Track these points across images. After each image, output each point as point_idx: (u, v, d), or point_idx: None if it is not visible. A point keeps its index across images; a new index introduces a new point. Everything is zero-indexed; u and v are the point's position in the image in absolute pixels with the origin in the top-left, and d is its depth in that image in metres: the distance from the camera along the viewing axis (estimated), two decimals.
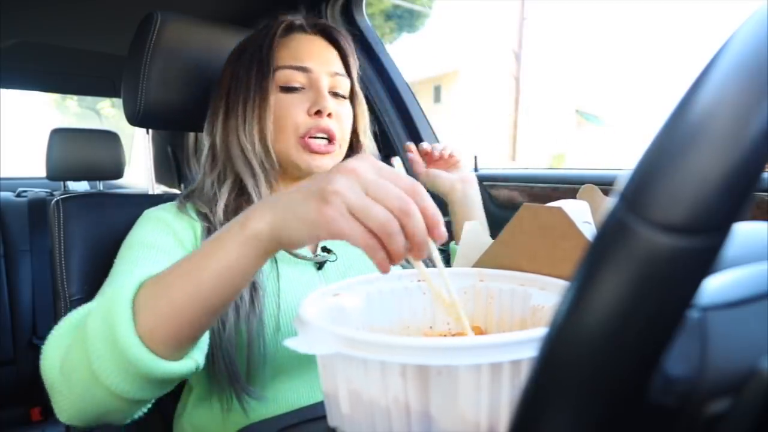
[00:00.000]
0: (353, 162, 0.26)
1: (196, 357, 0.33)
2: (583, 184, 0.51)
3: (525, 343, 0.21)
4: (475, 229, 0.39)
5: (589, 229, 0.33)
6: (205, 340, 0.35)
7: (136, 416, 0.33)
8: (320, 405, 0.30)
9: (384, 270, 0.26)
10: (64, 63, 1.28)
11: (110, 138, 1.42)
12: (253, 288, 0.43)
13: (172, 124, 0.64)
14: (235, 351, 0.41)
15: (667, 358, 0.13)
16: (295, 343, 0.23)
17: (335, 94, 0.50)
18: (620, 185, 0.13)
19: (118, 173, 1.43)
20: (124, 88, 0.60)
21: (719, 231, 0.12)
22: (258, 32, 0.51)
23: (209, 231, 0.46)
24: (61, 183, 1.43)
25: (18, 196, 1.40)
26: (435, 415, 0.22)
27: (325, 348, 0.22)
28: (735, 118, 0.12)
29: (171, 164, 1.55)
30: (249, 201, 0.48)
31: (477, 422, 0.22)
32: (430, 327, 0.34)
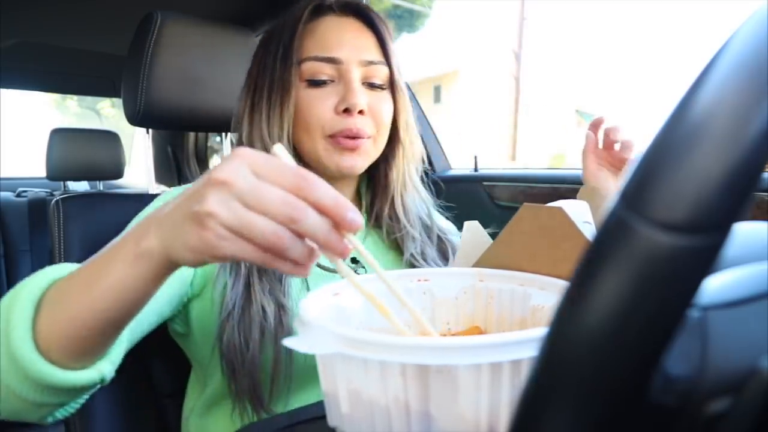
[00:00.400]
0: (225, 168, 0.22)
1: (102, 368, 0.30)
2: (582, 184, 0.51)
3: (525, 343, 0.21)
4: (475, 229, 0.39)
5: (589, 229, 0.33)
6: (117, 351, 0.32)
7: (59, 416, 0.31)
8: (320, 404, 0.30)
9: (301, 274, 0.23)
10: (64, 63, 1.28)
11: (110, 138, 1.43)
12: (282, 308, 0.40)
13: (172, 124, 0.64)
14: (259, 371, 0.39)
15: (668, 357, 0.13)
16: (294, 343, 0.23)
17: (371, 85, 0.45)
18: (621, 184, 0.13)
19: (118, 173, 1.43)
20: (124, 87, 0.60)
21: (720, 230, 0.12)
22: (287, 15, 0.46)
23: None
24: (61, 183, 1.44)
25: (18, 196, 1.40)
26: (435, 414, 0.22)
27: (325, 348, 0.22)
28: (735, 117, 0.12)
29: (171, 164, 1.55)
30: None
31: (477, 422, 0.22)
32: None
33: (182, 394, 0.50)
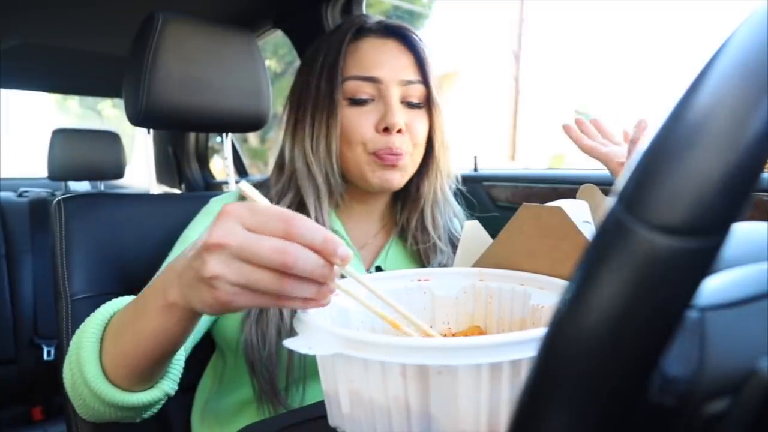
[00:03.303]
0: (217, 230, 0.23)
1: (164, 386, 0.35)
2: (582, 184, 0.51)
3: (524, 343, 0.21)
4: (475, 229, 0.39)
5: (588, 229, 0.33)
6: (176, 369, 0.36)
7: (145, 416, 0.36)
8: (321, 404, 0.30)
9: (319, 307, 0.24)
10: (66, 63, 1.29)
11: (111, 138, 1.43)
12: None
13: (174, 125, 0.64)
14: (276, 366, 0.42)
15: (666, 358, 0.13)
16: (294, 344, 0.23)
17: (409, 104, 0.47)
18: (619, 186, 0.13)
19: (119, 173, 1.43)
20: (125, 88, 0.60)
21: (718, 232, 0.12)
22: (331, 35, 0.48)
23: None
24: (63, 183, 1.44)
25: (19, 196, 1.40)
26: (435, 414, 0.22)
27: (325, 348, 0.22)
28: (733, 118, 0.12)
29: (172, 164, 1.56)
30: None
31: (477, 422, 0.22)
32: (430, 327, 0.34)
33: (185, 392, 0.51)
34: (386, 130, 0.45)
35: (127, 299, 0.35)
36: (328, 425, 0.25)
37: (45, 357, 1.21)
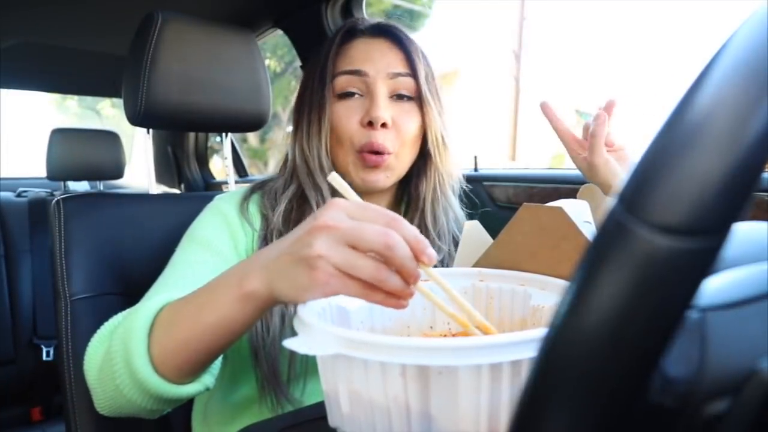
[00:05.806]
0: (325, 215, 0.25)
1: (206, 380, 0.35)
2: (583, 184, 0.51)
3: (525, 344, 0.21)
4: (475, 229, 0.39)
5: (589, 229, 0.33)
6: (216, 365, 0.37)
7: (164, 413, 0.37)
8: (321, 405, 0.30)
9: (398, 307, 0.26)
10: (65, 63, 1.28)
11: (110, 138, 1.43)
12: None
13: (173, 124, 0.64)
14: (279, 353, 0.42)
15: (667, 358, 0.13)
16: (295, 344, 0.23)
17: (399, 97, 0.47)
18: (619, 186, 0.13)
19: (119, 173, 1.43)
20: (125, 87, 0.60)
21: (718, 232, 0.12)
22: (328, 39, 0.50)
23: (265, 239, 0.45)
24: (62, 183, 1.44)
25: (18, 196, 1.40)
26: (435, 415, 0.22)
27: (325, 349, 0.22)
28: (734, 118, 0.12)
29: (171, 164, 1.55)
30: (311, 211, 0.46)
31: (477, 422, 0.22)
32: (431, 327, 0.34)
33: None
34: (370, 124, 0.45)
35: (173, 296, 0.35)
36: (328, 426, 0.25)
37: (44, 357, 1.21)
